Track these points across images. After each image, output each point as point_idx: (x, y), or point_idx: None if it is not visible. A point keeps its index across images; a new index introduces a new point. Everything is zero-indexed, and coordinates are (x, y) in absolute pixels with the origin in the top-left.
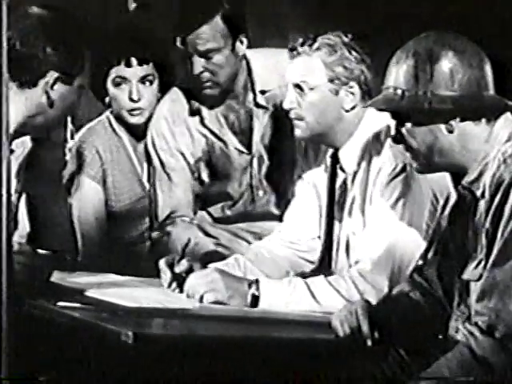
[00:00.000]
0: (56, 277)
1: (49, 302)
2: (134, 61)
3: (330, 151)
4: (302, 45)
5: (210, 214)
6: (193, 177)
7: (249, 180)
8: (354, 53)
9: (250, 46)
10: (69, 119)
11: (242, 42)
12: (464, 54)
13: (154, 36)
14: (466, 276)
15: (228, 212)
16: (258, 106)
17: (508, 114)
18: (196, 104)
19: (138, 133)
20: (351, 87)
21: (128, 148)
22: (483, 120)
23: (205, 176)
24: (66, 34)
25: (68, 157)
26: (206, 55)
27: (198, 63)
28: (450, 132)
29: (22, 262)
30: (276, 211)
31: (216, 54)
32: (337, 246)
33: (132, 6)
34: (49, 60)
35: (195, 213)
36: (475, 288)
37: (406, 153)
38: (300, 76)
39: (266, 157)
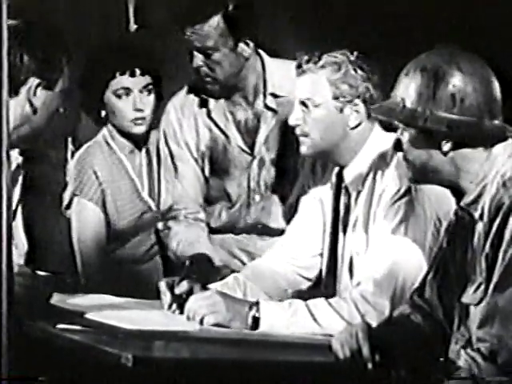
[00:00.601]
0: (56, 299)
1: (48, 325)
2: (137, 71)
3: (336, 169)
4: (308, 62)
5: (207, 223)
6: (200, 170)
7: (247, 182)
8: (359, 71)
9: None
10: (69, 140)
11: (247, 45)
12: (471, 77)
13: (152, 50)
14: (465, 300)
15: (224, 216)
16: (267, 107)
17: None
18: (204, 96)
19: (139, 142)
20: (356, 105)
21: (126, 165)
22: (480, 147)
23: (206, 171)
24: (41, 40)
25: (67, 178)
26: (204, 52)
27: (198, 57)
28: (445, 154)
29: (21, 283)
30: (268, 222)
31: (214, 51)
32: (339, 264)
33: (133, 27)
34: (28, 67)
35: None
36: (475, 311)
37: (403, 162)
38: (305, 93)
39: (267, 161)
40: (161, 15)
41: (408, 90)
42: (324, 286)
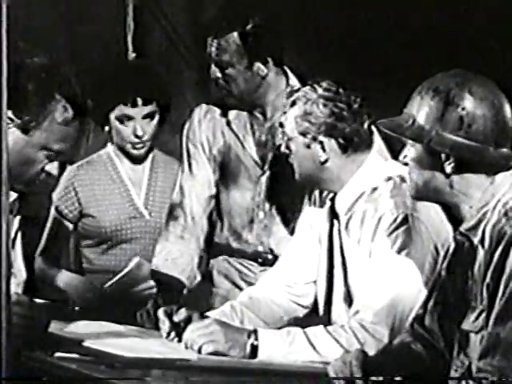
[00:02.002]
0: (53, 326)
1: (46, 353)
2: (139, 101)
3: (331, 194)
4: (287, 98)
5: (211, 237)
6: (212, 172)
7: (253, 196)
8: (321, 107)
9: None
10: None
11: (264, 64)
12: (482, 102)
13: (157, 76)
14: (465, 327)
15: (226, 232)
16: (281, 125)
17: None
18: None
19: (138, 161)
20: (321, 142)
21: (123, 174)
22: (482, 173)
23: (215, 176)
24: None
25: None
26: (219, 65)
27: (214, 70)
28: (447, 176)
29: (19, 312)
30: (269, 242)
31: (229, 66)
32: (334, 291)
33: (131, 55)
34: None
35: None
36: (475, 339)
37: (401, 185)
38: (285, 125)
39: (275, 178)
40: (159, 43)
41: (419, 108)
42: (322, 313)
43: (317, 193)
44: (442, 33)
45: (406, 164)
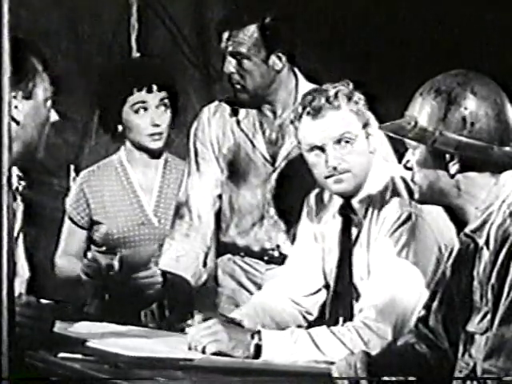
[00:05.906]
0: (57, 326)
1: (50, 353)
2: (154, 86)
3: (341, 200)
4: (328, 101)
5: (217, 236)
6: (220, 171)
7: (264, 193)
8: (357, 93)
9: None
10: (72, 167)
11: (279, 58)
12: (485, 101)
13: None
14: (470, 328)
15: (232, 231)
16: (292, 123)
17: None
18: (235, 107)
19: (155, 156)
20: (372, 127)
21: (133, 181)
22: (487, 172)
23: (224, 175)
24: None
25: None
26: (236, 58)
27: (230, 63)
28: (452, 177)
29: (25, 313)
30: (277, 238)
31: (246, 59)
32: (353, 295)
33: (135, 55)
34: None
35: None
36: (480, 339)
37: (404, 187)
38: (340, 130)
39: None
40: (163, 43)
41: (420, 109)
42: (328, 314)
43: (327, 198)
44: (444, 33)
45: (409, 169)
